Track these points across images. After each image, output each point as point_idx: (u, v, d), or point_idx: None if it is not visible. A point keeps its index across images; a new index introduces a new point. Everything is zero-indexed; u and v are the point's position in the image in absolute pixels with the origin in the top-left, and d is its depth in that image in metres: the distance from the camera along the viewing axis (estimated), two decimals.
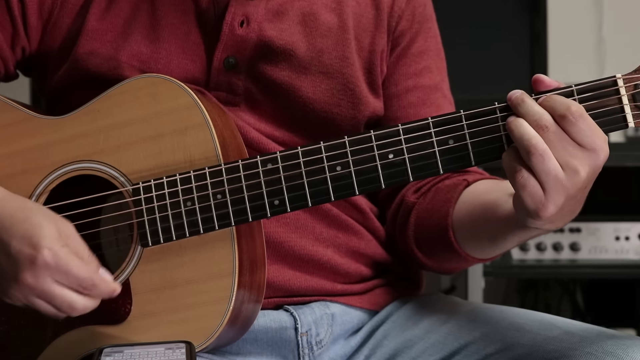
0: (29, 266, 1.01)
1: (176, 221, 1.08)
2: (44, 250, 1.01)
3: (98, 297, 1.05)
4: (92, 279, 1.03)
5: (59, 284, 1.02)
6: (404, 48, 1.29)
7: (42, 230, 1.02)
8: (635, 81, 1.01)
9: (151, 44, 1.19)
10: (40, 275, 1.01)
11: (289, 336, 1.20)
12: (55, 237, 1.02)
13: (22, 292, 1.02)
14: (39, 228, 1.02)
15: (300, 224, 1.21)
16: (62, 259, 1.01)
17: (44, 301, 1.03)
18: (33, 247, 1.01)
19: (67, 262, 1.01)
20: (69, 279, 1.02)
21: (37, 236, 1.01)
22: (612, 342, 1.06)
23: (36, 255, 1.00)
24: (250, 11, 1.20)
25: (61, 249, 1.01)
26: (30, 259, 1.01)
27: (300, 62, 1.21)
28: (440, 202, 1.23)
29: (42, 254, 1.00)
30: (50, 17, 1.22)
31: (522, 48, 2.39)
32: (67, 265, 1.01)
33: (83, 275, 1.02)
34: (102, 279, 1.04)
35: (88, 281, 1.02)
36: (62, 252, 1.01)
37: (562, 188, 0.98)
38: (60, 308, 1.03)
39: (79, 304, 1.03)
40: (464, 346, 1.17)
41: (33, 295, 1.02)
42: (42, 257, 1.00)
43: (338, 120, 1.23)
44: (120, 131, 1.12)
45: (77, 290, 1.03)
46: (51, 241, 1.01)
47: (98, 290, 1.03)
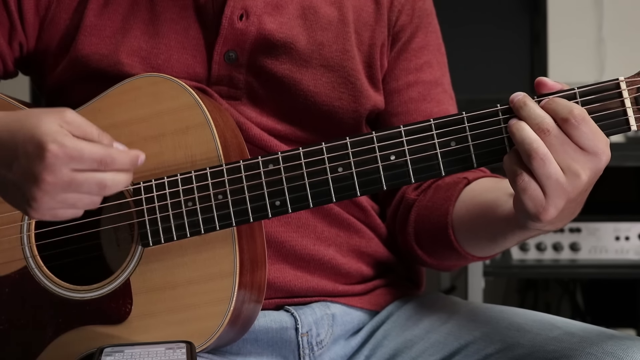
0: (42, 165, 0.98)
1: (177, 221, 1.08)
2: (48, 145, 0.98)
3: (124, 169, 1.02)
4: (110, 153, 1.00)
5: (78, 171, 0.99)
6: (405, 43, 1.29)
7: (40, 127, 0.99)
8: (638, 84, 1.00)
9: (150, 39, 1.19)
10: (56, 170, 0.98)
11: (289, 336, 1.20)
12: (56, 130, 0.99)
13: (49, 194, 1.00)
14: (37, 127, 0.99)
15: (302, 223, 1.21)
16: (69, 146, 0.99)
17: (73, 192, 1.00)
18: (38, 146, 0.98)
19: (76, 147, 0.99)
20: (85, 163, 0.99)
21: (37, 135, 0.99)
22: (612, 342, 1.06)
23: (43, 152, 0.98)
24: (249, 4, 1.20)
25: (65, 137, 0.99)
26: (39, 157, 0.98)
27: (300, 55, 1.21)
28: (440, 200, 1.23)
29: (49, 149, 0.98)
30: (47, 13, 1.22)
31: (522, 48, 2.39)
32: (77, 151, 0.99)
33: (97, 153, 1.00)
34: (120, 150, 1.02)
35: (107, 157, 1.00)
36: (67, 140, 0.99)
37: (563, 192, 0.98)
38: (90, 191, 1.01)
39: (107, 180, 1.01)
40: (464, 346, 1.17)
41: (59, 192, 1.00)
42: (50, 152, 0.98)
43: (340, 113, 1.23)
44: (121, 131, 1.12)
45: (99, 170, 1.00)
46: (53, 134, 0.99)
47: (120, 161, 1.01)
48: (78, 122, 1.01)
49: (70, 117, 1.01)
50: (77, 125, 1.00)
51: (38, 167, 0.98)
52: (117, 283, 1.10)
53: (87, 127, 1.01)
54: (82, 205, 1.02)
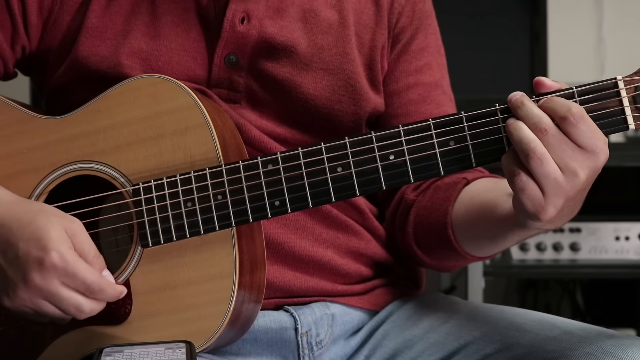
0: (37, 267, 1.01)
1: (176, 222, 1.08)
2: (51, 252, 1.01)
3: (105, 300, 1.05)
4: (99, 282, 1.03)
5: (66, 286, 1.02)
6: (405, 45, 1.30)
7: (49, 232, 1.02)
8: (635, 83, 1.00)
9: (151, 41, 1.19)
10: (48, 277, 1.01)
11: (289, 336, 1.20)
12: (63, 239, 1.02)
13: (30, 293, 1.02)
14: (46, 230, 1.02)
15: (300, 225, 1.22)
16: (69, 262, 1.01)
17: (51, 303, 1.03)
18: (41, 249, 1.01)
19: (74, 266, 1.02)
20: (76, 282, 1.02)
21: (44, 238, 1.02)
22: (612, 342, 1.06)
23: (44, 257, 1.01)
24: (250, 8, 1.20)
25: (68, 251, 1.02)
26: (38, 260, 1.01)
27: (301, 58, 1.21)
28: (439, 200, 1.23)
29: (50, 255, 1.01)
30: (50, 15, 1.22)
31: (522, 48, 2.39)
32: (74, 269, 1.01)
33: (90, 279, 1.02)
34: (108, 283, 1.04)
35: (95, 285, 1.03)
36: (69, 255, 1.02)
37: (562, 191, 0.98)
38: (67, 311, 1.04)
39: (85, 306, 1.04)
40: (464, 346, 1.17)
41: (40, 297, 1.02)
42: (50, 259, 1.01)
43: (340, 116, 1.23)
44: (120, 131, 1.12)
45: (83, 293, 1.03)
46: (59, 243, 1.02)
47: (105, 294, 1.04)
48: (82, 239, 1.04)
49: (77, 230, 1.04)
50: (80, 241, 1.04)
51: (33, 268, 1.01)
52: None
53: (87, 246, 1.04)
54: (51, 317, 1.05)
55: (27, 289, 1.02)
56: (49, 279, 1.01)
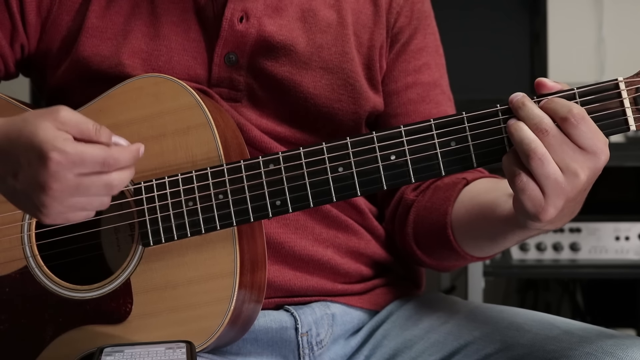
0: (46, 173, 0.98)
1: (178, 221, 1.08)
2: (49, 153, 0.98)
3: (128, 166, 1.02)
4: (112, 154, 1.00)
5: (83, 175, 0.99)
6: (403, 44, 1.30)
7: (39, 135, 0.99)
8: (636, 84, 1.01)
9: (151, 41, 1.20)
10: (61, 176, 0.98)
11: (289, 336, 1.20)
12: (54, 135, 0.98)
13: (58, 200, 1.00)
14: (35, 135, 0.99)
15: (300, 225, 1.22)
16: (70, 152, 0.98)
17: (81, 196, 1.00)
18: (39, 156, 0.98)
19: (77, 153, 0.98)
20: (88, 166, 0.99)
21: (36, 144, 0.98)
22: (612, 342, 1.06)
23: (46, 161, 0.98)
24: (249, 7, 1.20)
25: (65, 142, 0.98)
26: (43, 167, 0.98)
27: (300, 57, 1.21)
28: (439, 201, 1.24)
29: (50, 157, 0.98)
30: (49, 14, 1.22)
31: (522, 48, 2.39)
32: (79, 156, 0.98)
33: (99, 156, 0.99)
34: (120, 149, 1.01)
35: (108, 159, 1.00)
36: (68, 146, 0.98)
37: (562, 191, 0.98)
38: (99, 193, 1.01)
39: (113, 180, 1.01)
40: (464, 346, 1.17)
41: (67, 197, 1.00)
42: (52, 160, 0.98)
43: (339, 115, 1.23)
44: (122, 131, 1.12)
45: (103, 171, 1.00)
46: (52, 140, 0.98)
47: (122, 160, 1.01)
48: (74, 121, 1.00)
49: (64, 116, 1.00)
50: (73, 124, 1.00)
51: (43, 175, 0.98)
52: (117, 283, 1.11)
53: (83, 124, 1.00)
54: (92, 207, 1.03)
55: (52, 198, 0.99)
56: (63, 177, 0.98)
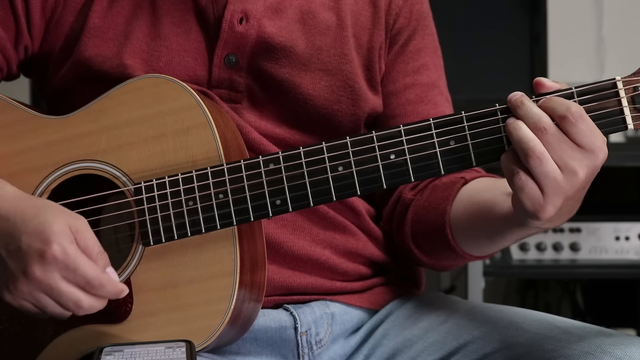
0: (38, 260, 1.01)
1: (178, 220, 1.09)
2: (53, 245, 1.01)
3: (105, 298, 1.05)
4: (100, 278, 1.03)
5: (66, 280, 1.02)
6: (402, 45, 1.30)
7: (52, 226, 1.02)
8: (634, 83, 1.01)
9: (152, 41, 1.20)
10: (48, 270, 1.01)
11: (288, 336, 1.20)
12: (66, 233, 1.02)
13: (30, 286, 1.02)
14: (49, 224, 1.02)
15: (298, 226, 1.22)
16: (70, 255, 1.01)
17: (51, 297, 1.03)
18: (43, 242, 1.01)
19: (76, 259, 1.01)
20: (76, 277, 1.02)
21: (47, 232, 1.02)
22: (610, 341, 1.06)
23: (45, 249, 1.01)
24: (249, 8, 1.20)
25: (70, 245, 1.02)
26: (39, 252, 1.01)
27: (299, 59, 1.22)
28: (437, 200, 1.24)
29: (52, 248, 1.01)
30: (53, 15, 1.22)
31: (522, 48, 2.39)
32: (75, 263, 1.01)
33: (91, 274, 1.02)
34: (109, 279, 1.04)
35: (95, 281, 1.02)
36: (71, 249, 1.01)
37: (561, 190, 0.99)
38: (66, 306, 1.03)
39: (84, 302, 1.03)
40: (463, 345, 1.18)
41: (40, 290, 1.02)
42: (51, 252, 1.01)
43: (338, 116, 1.24)
44: (122, 131, 1.13)
45: (84, 289, 1.03)
46: (61, 236, 1.01)
47: (105, 290, 1.04)
48: (86, 235, 1.03)
49: (82, 226, 1.04)
50: (84, 237, 1.03)
51: (34, 260, 1.01)
52: None
53: (90, 241, 1.04)
54: (50, 312, 1.04)
55: (28, 282, 1.02)
56: (50, 272, 1.01)
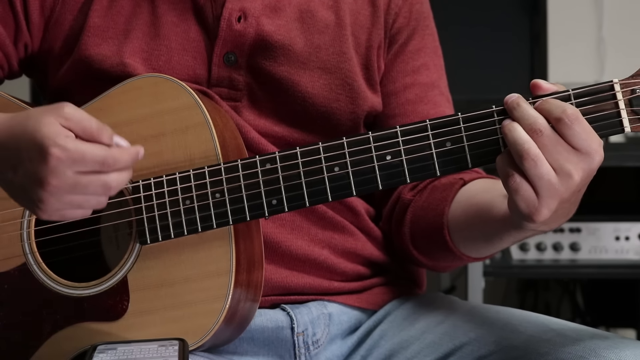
0: (46, 169, 0.99)
1: (175, 219, 1.09)
2: (50, 149, 0.98)
3: (127, 168, 1.02)
4: (111, 155, 1.00)
5: (82, 173, 0.99)
6: (402, 45, 1.30)
7: (42, 130, 0.99)
8: (632, 86, 1.01)
9: (152, 40, 1.20)
10: (60, 173, 0.99)
11: (285, 336, 1.20)
12: (56, 131, 0.99)
13: (54, 196, 1.00)
14: (37, 130, 0.99)
15: (296, 226, 1.22)
16: (71, 149, 0.98)
17: (79, 194, 1.01)
18: (40, 151, 0.99)
19: (78, 151, 0.99)
20: (88, 165, 0.99)
21: (38, 139, 0.99)
22: (605, 344, 1.06)
23: (46, 156, 0.98)
24: (247, 6, 1.21)
25: (66, 139, 0.99)
26: (43, 161, 0.99)
27: (298, 57, 1.22)
28: (436, 201, 1.24)
29: (51, 153, 0.98)
30: (52, 13, 1.23)
31: (522, 48, 2.39)
32: (79, 154, 0.99)
33: (99, 155, 1.00)
34: (120, 151, 1.01)
35: (108, 159, 1.00)
36: (69, 143, 0.99)
37: (556, 192, 0.98)
38: (96, 192, 1.01)
39: (111, 181, 1.01)
40: (459, 347, 1.17)
41: (65, 194, 1.00)
42: (53, 156, 0.98)
43: (337, 115, 1.24)
44: (121, 130, 1.12)
45: (102, 171, 1.00)
46: (54, 136, 0.99)
47: (122, 161, 1.01)
48: (77, 118, 1.00)
49: (68, 112, 1.00)
50: (76, 121, 1.00)
51: (43, 170, 0.99)
52: (114, 280, 1.11)
53: (86, 122, 1.00)
54: (89, 206, 1.03)
55: (50, 194, 1.00)
56: (62, 174, 0.99)
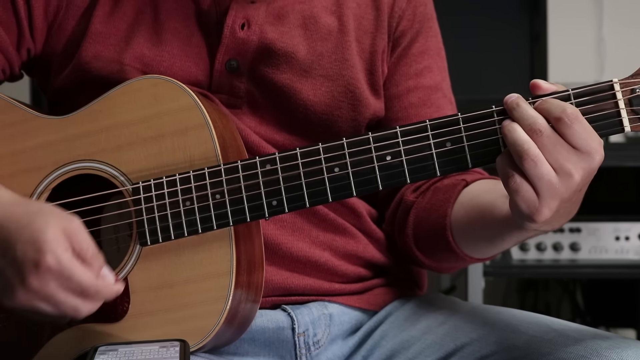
0: (34, 270, 1.01)
1: (175, 220, 1.09)
2: (47, 254, 1.00)
3: (101, 300, 1.05)
4: (96, 285, 1.03)
5: (63, 289, 1.02)
6: (405, 48, 1.30)
7: (46, 233, 1.01)
8: (631, 85, 1.01)
9: (154, 47, 1.20)
10: (44, 280, 1.01)
11: (286, 336, 1.20)
12: (59, 240, 1.02)
13: (28, 295, 1.02)
14: (42, 232, 1.02)
15: (297, 227, 1.22)
16: (64, 264, 1.01)
17: (49, 305, 1.03)
18: (37, 251, 1.01)
19: (70, 268, 1.01)
20: (72, 285, 1.02)
21: (40, 240, 1.01)
22: (606, 344, 1.06)
23: (39, 259, 1.01)
24: (251, 14, 1.21)
25: (64, 253, 1.01)
26: (34, 262, 1.01)
27: (300, 65, 1.22)
28: (438, 202, 1.24)
29: (46, 258, 1.00)
30: (56, 19, 1.23)
31: (522, 48, 2.39)
32: (69, 271, 1.01)
33: (86, 282, 1.02)
34: (104, 284, 1.04)
35: (91, 288, 1.03)
36: (65, 257, 1.01)
37: (556, 192, 0.98)
38: (64, 312, 1.04)
39: (82, 308, 1.03)
40: (460, 347, 1.17)
41: (38, 299, 1.02)
42: (46, 262, 1.00)
43: (339, 122, 1.24)
44: (121, 131, 1.13)
45: (80, 295, 1.03)
46: (55, 245, 1.01)
47: (101, 296, 1.04)
48: (80, 238, 1.03)
49: (75, 228, 1.03)
50: (78, 240, 1.03)
51: (30, 270, 1.01)
52: None
53: (85, 244, 1.03)
54: (50, 317, 1.05)
55: (25, 291, 1.02)
56: (46, 282, 1.01)
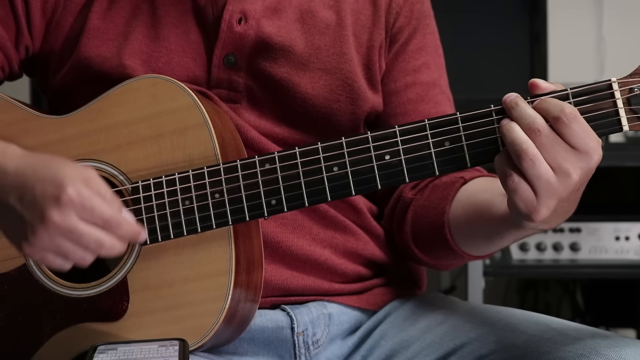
0: (55, 204, 1.00)
1: (174, 220, 1.09)
2: (68, 188, 1.01)
3: (124, 239, 1.04)
4: (117, 217, 1.03)
5: (85, 221, 1.01)
6: (402, 44, 1.30)
7: (65, 171, 1.02)
8: (630, 85, 1.01)
9: (152, 42, 1.20)
10: (66, 212, 1.00)
11: (285, 336, 1.21)
12: (78, 176, 1.02)
13: (49, 232, 1.01)
14: (61, 170, 1.02)
15: (298, 225, 1.22)
16: (85, 196, 1.01)
17: (71, 241, 1.02)
18: (57, 186, 1.01)
19: (91, 200, 1.01)
20: (94, 217, 1.01)
21: (60, 177, 1.01)
22: (606, 343, 1.06)
23: (60, 193, 1.00)
24: (248, 8, 1.21)
25: (84, 187, 1.01)
26: (55, 197, 1.01)
27: (298, 58, 1.22)
28: (437, 200, 1.24)
29: (67, 191, 1.00)
30: (54, 16, 1.23)
31: (522, 48, 2.39)
32: (91, 203, 1.01)
33: (108, 212, 1.02)
34: (126, 219, 1.04)
35: (113, 219, 1.02)
36: (85, 191, 1.01)
37: (554, 192, 0.98)
38: (87, 246, 1.02)
39: (106, 241, 1.03)
40: (460, 347, 1.18)
41: (59, 234, 1.01)
42: (67, 195, 1.00)
43: (337, 115, 1.24)
44: (120, 131, 1.13)
45: (102, 227, 1.02)
46: (74, 180, 1.01)
47: (123, 230, 1.03)
48: (97, 182, 1.03)
49: (92, 174, 1.04)
50: (95, 184, 1.03)
51: (50, 205, 1.01)
52: (114, 281, 1.11)
53: (103, 188, 1.03)
54: (72, 258, 1.04)
55: (46, 228, 1.01)
56: (67, 214, 1.00)
